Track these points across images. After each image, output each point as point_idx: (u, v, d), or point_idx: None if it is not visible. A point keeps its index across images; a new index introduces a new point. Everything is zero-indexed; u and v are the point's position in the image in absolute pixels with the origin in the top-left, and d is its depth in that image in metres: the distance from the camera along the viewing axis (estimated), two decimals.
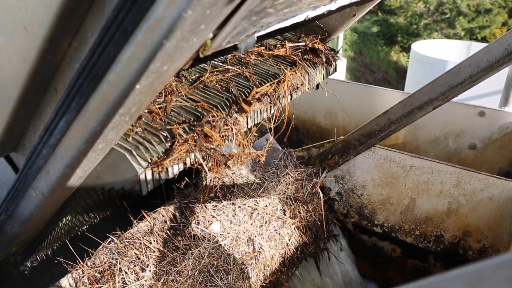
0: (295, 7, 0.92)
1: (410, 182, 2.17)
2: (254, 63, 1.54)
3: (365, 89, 2.86)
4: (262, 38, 1.76)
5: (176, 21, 0.60)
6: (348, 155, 2.24)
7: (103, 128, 0.79)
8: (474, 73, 1.69)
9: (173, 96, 1.22)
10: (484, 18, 10.15)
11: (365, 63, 10.31)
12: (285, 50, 1.67)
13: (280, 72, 1.51)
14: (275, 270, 1.79)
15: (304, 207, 2.01)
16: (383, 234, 2.35)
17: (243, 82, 1.40)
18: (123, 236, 1.51)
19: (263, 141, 2.28)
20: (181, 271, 1.48)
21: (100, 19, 0.74)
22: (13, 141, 1.06)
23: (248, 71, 1.45)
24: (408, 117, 1.95)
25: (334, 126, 3.02)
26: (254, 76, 1.43)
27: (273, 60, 1.60)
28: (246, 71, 1.44)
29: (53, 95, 0.91)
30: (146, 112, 1.14)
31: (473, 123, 2.60)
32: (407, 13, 10.77)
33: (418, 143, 2.82)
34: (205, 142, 1.12)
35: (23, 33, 0.77)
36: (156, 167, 1.04)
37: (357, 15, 1.75)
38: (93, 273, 1.40)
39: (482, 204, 2.03)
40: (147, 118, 1.13)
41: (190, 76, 1.38)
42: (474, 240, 2.13)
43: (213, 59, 1.51)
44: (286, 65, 1.59)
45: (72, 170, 0.93)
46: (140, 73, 0.68)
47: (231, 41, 0.80)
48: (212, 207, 1.74)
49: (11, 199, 1.11)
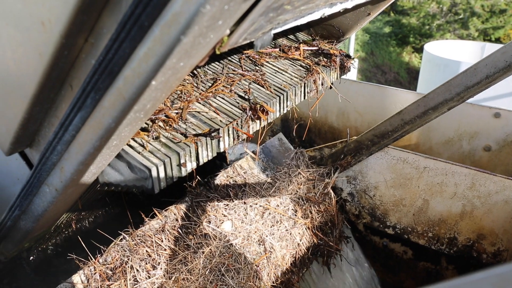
0: (312, 4, 0.91)
1: (424, 184, 2.14)
2: (269, 68, 1.54)
3: (378, 90, 2.84)
4: (275, 37, 1.75)
5: (194, 16, 0.59)
6: (361, 156, 2.22)
7: (118, 125, 0.79)
8: (491, 74, 1.66)
9: (190, 103, 1.22)
10: (498, 18, 10.02)
11: (376, 64, 10.24)
12: (299, 53, 1.66)
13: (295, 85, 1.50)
14: (286, 270, 1.78)
15: (315, 208, 1.99)
16: (395, 235, 2.33)
17: (259, 89, 1.40)
18: (135, 234, 1.51)
19: (275, 141, 2.27)
20: (192, 270, 1.48)
21: (117, 14, 0.74)
22: (28, 137, 1.06)
23: (263, 79, 1.44)
24: (422, 118, 1.92)
25: (346, 126, 3.00)
26: (268, 85, 1.42)
27: (289, 64, 1.59)
28: (260, 78, 1.44)
29: (68, 91, 0.91)
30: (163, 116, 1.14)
31: (488, 125, 2.56)
32: (419, 13, 10.67)
33: (431, 144, 2.79)
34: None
35: (40, 28, 0.77)
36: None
37: (372, 14, 1.73)
38: (104, 270, 1.40)
39: (497, 206, 2.00)
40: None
41: (206, 77, 1.38)
42: (489, 243, 2.10)
43: (228, 57, 1.51)
44: (301, 72, 1.58)
45: (86, 166, 0.93)
46: (157, 69, 0.67)
47: (248, 38, 0.79)
48: (223, 206, 1.73)
49: (25, 195, 1.11)
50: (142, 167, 1.04)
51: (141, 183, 1.07)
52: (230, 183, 1.87)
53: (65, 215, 1.65)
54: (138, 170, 1.05)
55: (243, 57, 1.53)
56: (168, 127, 1.15)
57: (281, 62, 1.60)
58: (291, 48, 1.68)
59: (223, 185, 1.85)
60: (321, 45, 1.72)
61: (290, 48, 1.68)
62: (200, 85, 1.34)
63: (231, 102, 1.31)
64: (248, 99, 1.32)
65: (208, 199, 1.74)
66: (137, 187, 1.08)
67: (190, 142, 1.11)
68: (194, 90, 1.30)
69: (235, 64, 1.51)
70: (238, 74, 1.44)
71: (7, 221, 1.25)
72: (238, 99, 1.33)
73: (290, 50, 1.66)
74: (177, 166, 1.09)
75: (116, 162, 1.07)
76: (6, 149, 1.08)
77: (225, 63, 1.50)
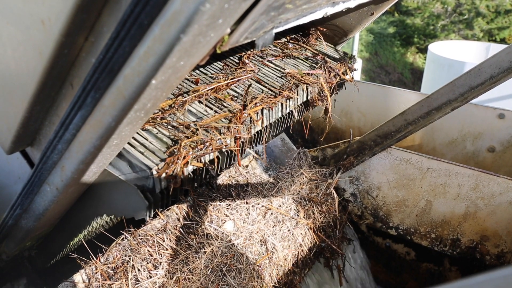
0: (314, 3, 0.90)
1: (427, 184, 2.13)
2: (270, 68, 1.53)
3: (381, 90, 2.82)
4: (277, 37, 1.75)
5: (194, 14, 0.59)
6: (364, 156, 2.21)
7: (118, 124, 0.79)
8: (495, 74, 1.65)
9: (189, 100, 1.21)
10: (503, 19, 9.96)
11: (380, 64, 10.21)
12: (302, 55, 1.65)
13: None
14: (288, 270, 1.77)
15: (318, 208, 1.99)
16: (397, 236, 2.32)
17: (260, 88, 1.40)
18: (136, 233, 1.51)
19: (278, 141, 2.27)
20: (194, 270, 1.48)
21: (117, 13, 0.73)
22: (29, 136, 1.06)
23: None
24: (426, 118, 1.91)
25: (349, 126, 2.99)
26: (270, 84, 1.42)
27: (292, 64, 1.59)
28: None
29: (68, 90, 0.91)
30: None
31: (492, 126, 2.54)
32: (424, 14, 10.62)
33: (435, 145, 2.77)
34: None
35: (40, 27, 0.76)
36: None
37: (375, 14, 1.72)
38: (106, 269, 1.40)
39: (501, 208, 1.98)
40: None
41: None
42: (492, 245, 2.08)
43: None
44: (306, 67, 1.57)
45: (87, 165, 0.93)
46: (157, 68, 0.67)
47: (249, 37, 0.79)
48: (225, 206, 1.73)
49: (27, 194, 1.11)
50: (143, 166, 1.04)
51: (142, 182, 1.07)
52: (232, 183, 1.87)
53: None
54: (139, 169, 1.04)
55: (246, 60, 1.53)
56: (170, 127, 1.14)
57: (284, 61, 1.60)
58: (295, 48, 1.68)
59: (225, 185, 1.85)
60: (328, 64, 1.66)
61: (295, 48, 1.67)
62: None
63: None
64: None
65: (210, 199, 1.74)
66: (138, 186, 1.08)
67: (193, 142, 1.11)
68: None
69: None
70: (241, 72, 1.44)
71: (9, 220, 1.25)
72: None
73: (292, 51, 1.66)
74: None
75: (117, 161, 1.07)
76: (7, 148, 1.08)
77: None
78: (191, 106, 1.24)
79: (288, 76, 1.52)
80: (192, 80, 1.36)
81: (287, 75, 1.53)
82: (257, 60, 1.58)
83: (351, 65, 1.72)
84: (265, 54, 1.61)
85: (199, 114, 1.22)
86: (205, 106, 1.26)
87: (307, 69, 1.61)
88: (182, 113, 1.19)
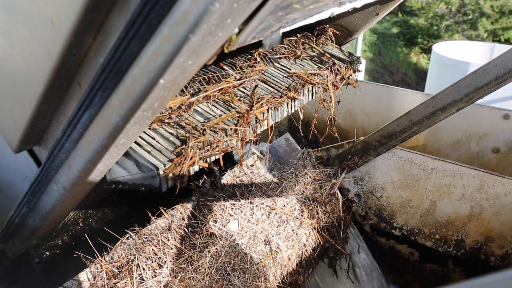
0: (321, 3, 0.90)
1: (431, 185, 2.13)
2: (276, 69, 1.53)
3: (385, 90, 2.82)
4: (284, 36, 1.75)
5: (203, 14, 0.59)
6: (368, 156, 2.21)
7: (125, 123, 0.79)
8: (501, 75, 1.64)
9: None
10: (508, 19, 9.92)
11: (384, 65, 10.19)
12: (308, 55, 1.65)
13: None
14: (292, 270, 1.77)
15: (322, 208, 1.99)
16: (401, 237, 2.31)
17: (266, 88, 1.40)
18: (141, 232, 1.51)
19: (282, 141, 2.27)
20: (198, 269, 1.48)
21: (126, 13, 0.74)
22: (36, 135, 1.06)
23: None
24: (431, 119, 1.91)
25: (353, 126, 2.99)
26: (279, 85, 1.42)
27: (297, 64, 1.59)
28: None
29: (76, 89, 0.91)
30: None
31: (497, 126, 2.54)
32: (428, 14, 10.59)
33: (439, 146, 2.77)
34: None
35: (49, 26, 0.77)
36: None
37: (381, 14, 1.72)
38: (111, 268, 1.40)
39: (506, 209, 1.98)
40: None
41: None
42: (497, 246, 2.08)
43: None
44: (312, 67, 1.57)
45: (94, 164, 0.93)
46: (165, 67, 0.67)
47: (256, 36, 0.79)
48: (230, 205, 1.73)
49: (33, 193, 1.11)
50: (150, 166, 1.04)
51: (148, 181, 1.07)
52: (236, 182, 1.87)
53: (73, 213, 1.66)
54: (146, 168, 1.05)
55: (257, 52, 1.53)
56: (177, 126, 1.15)
57: (290, 62, 1.60)
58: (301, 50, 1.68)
59: (230, 185, 1.85)
60: (335, 67, 1.66)
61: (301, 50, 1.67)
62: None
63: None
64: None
65: (214, 198, 1.74)
66: (144, 185, 1.09)
67: (199, 142, 1.11)
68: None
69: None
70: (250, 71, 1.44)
71: (15, 218, 1.26)
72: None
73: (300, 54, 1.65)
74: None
75: (124, 160, 1.07)
76: (15, 147, 1.08)
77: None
78: (198, 107, 1.24)
79: (294, 76, 1.52)
80: (203, 78, 1.36)
81: (293, 75, 1.53)
82: (266, 57, 1.58)
83: (356, 67, 1.71)
84: (275, 52, 1.61)
85: (206, 115, 1.23)
86: (212, 107, 1.26)
87: (313, 69, 1.61)
88: (189, 113, 1.19)
